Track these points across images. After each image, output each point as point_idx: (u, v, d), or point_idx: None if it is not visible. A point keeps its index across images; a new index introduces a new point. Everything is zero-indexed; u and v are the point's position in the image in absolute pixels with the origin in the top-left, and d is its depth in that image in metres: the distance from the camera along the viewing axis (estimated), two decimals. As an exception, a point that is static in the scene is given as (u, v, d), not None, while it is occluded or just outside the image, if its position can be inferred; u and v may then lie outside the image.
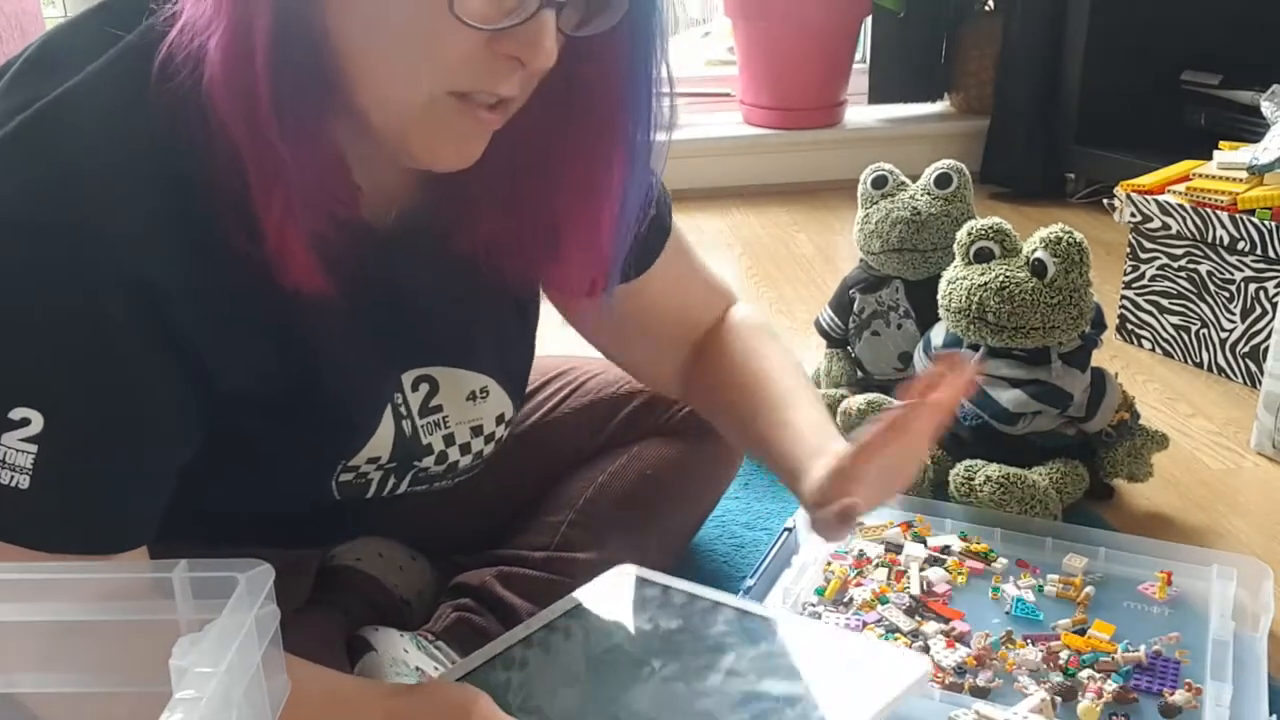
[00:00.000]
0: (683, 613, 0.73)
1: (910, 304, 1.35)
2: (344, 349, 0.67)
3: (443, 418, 0.76)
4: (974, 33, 2.59)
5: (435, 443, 0.76)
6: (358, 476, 0.74)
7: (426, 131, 0.60)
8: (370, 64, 0.58)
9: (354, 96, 0.59)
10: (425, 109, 0.59)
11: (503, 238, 0.70)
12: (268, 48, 0.55)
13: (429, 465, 0.77)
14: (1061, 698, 0.85)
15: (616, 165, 0.68)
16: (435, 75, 0.58)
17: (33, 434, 0.55)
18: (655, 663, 0.69)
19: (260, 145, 0.57)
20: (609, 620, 0.74)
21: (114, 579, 0.46)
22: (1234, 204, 1.45)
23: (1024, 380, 1.16)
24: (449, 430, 0.76)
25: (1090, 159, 2.34)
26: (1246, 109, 2.01)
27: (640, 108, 0.66)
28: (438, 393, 0.75)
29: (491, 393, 0.78)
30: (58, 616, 0.45)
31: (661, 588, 0.76)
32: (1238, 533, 1.16)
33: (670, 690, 0.66)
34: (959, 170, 1.36)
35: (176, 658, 0.41)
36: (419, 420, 0.74)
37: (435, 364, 0.74)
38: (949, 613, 0.96)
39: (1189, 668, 0.89)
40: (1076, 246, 1.14)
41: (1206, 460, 1.32)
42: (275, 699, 0.45)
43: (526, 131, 0.65)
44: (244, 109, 0.56)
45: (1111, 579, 1.01)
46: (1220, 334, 1.53)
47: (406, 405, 0.74)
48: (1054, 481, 1.14)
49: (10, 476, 0.55)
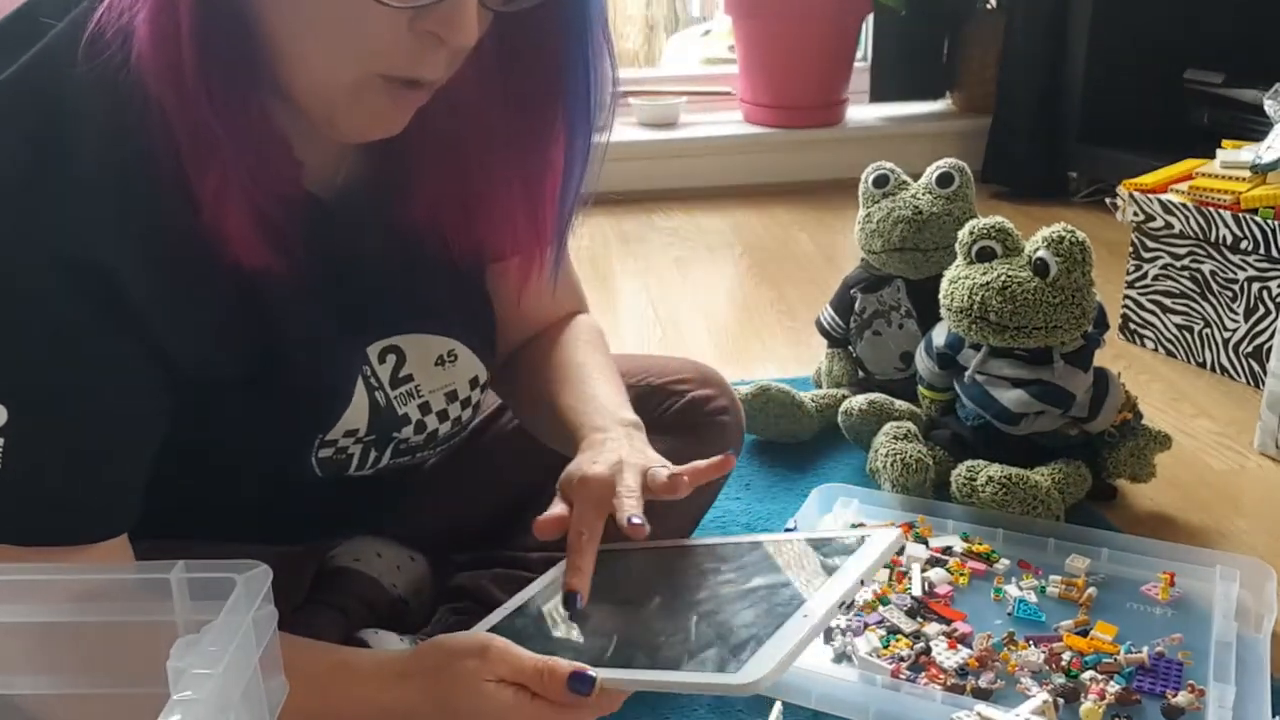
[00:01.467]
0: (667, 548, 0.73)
1: (912, 303, 1.35)
2: (303, 322, 0.68)
3: (415, 387, 0.76)
4: (976, 31, 2.58)
5: (411, 412, 0.76)
6: (337, 452, 0.74)
7: (352, 111, 0.60)
8: (295, 46, 0.58)
9: (280, 75, 0.59)
10: (351, 91, 0.59)
11: (444, 206, 0.71)
12: (192, 24, 0.55)
13: (408, 436, 0.77)
14: (1064, 699, 0.84)
15: (556, 137, 0.68)
16: (360, 59, 0.58)
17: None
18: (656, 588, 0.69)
19: (191, 121, 0.57)
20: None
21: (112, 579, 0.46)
22: (1237, 203, 1.45)
23: (1026, 380, 1.15)
24: (423, 399, 0.76)
25: (1093, 158, 2.34)
26: (1249, 107, 2.01)
27: (578, 78, 0.66)
28: (405, 362, 0.75)
29: (460, 355, 0.78)
30: (55, 618, 0.45)
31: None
32: (1241, 533, 1.16)
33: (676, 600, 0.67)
34: (961, 169, 1.35)
35: (174, 659, 0.41)
36: (391, 392, 0.74)
37: (397, 333, 0.74)
38: (951, 614, 0.95)
39: (1192, 669, 0.88)
40: (1079, 246, 1.13)
41: (1210, 461, 1.31)
42: (273, 700, 0.44)
43: (465, 101, 0.65)
44: (173, 85, 0.56)
45: (1114, 580, 1.01)
46: (1223, 334, 1.53)
47: (376, 377, 0.74)
48: (1056, 482, 1.13)
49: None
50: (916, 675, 0.87)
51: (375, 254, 0.72)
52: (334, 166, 0.69)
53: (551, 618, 0.69)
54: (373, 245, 0.71)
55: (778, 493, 1.22)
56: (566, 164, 0.70)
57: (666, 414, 0.97)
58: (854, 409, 1.25)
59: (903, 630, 0.92)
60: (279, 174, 0.61)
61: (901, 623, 0.93)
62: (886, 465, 1.16)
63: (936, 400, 1.27)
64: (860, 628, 0.92)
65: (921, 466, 1.15)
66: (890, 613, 0.94)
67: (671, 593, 0.68)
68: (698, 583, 0.68)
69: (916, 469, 1.15)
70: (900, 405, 1.27)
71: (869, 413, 1.25)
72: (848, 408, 1.26)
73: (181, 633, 0.43)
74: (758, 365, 1.60)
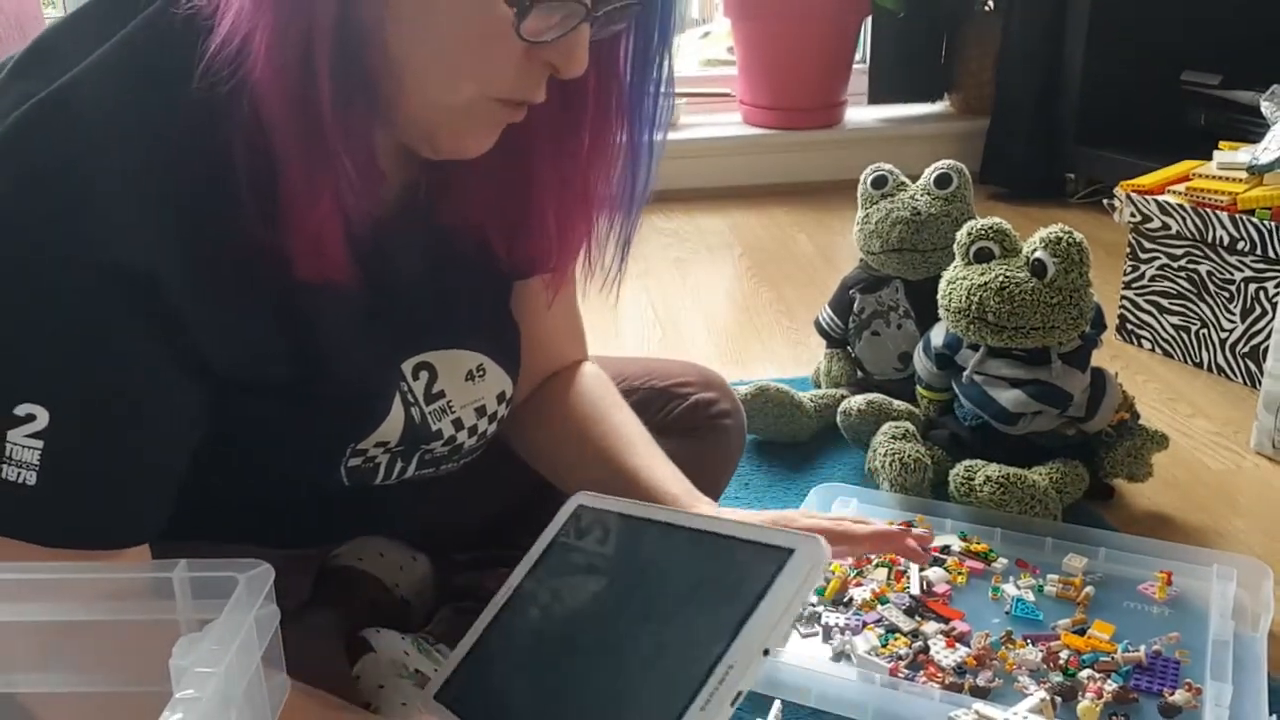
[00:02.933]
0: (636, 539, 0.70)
1: (910, 304, 1.35)
2: (349, 336, 0.68)
3: (447, 403, 0.76)
4: (974, 32, 2.59)
5: (445, 428, 0.77)
6: (366, 460, 0.74)
7: (458, 129, 0.63)
8: (417, 68, 0.59)
9: (391, 95, 0.61)
10: (464, 111, 0.61)
11: (491, 215, 0.72)
12: (329, 51, 0.56)
13: (435, 448, 0.77)
14: (1061, 698, 0.85)
15: (606, 158, 0.69)
16: (480, 83, 0.60)
17: (38, 429, 0.55)
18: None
19: (312, 144, 0.57)
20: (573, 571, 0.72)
21: (114, 579, 0.46)
22: (1234, 204, 1.45)
23: (1024, 380, 1.16)
24: (456, 415, 0.77)
25: (1090, 159, 2.34)
26: (1246, 109, 2.01)
27: (633, 105, 0.67)
28: (438, 378, 0.75)
29: (489, 370, 0.78)
30: (57, 616, 0.45)
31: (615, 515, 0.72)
32: (1237, 533, 1.16)
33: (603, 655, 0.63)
34: (959, 170, 1.36)
35: (176, 657, 0.41)
36: (426, 407, 0.75)
37: (430, 348, 0.75)
38: (949, 613, 0.96)
39: (1189, 668, 0.89)
40: (1076, 246, 1.14)
41: (1206, 460, 1.32)
42: (275, 699, 0.44)
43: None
44: (298, 110, 0.56)
45: (1111, 579, 1.01)
46: (1220, 334, 1.53)
47: (413, 393, 0.74)
48: (1054, 481, 1.14)
49: (17, 473, 0.55)
50: (915, 674, 0.87)
51: (416, 266, 0.72)
52: (392, 178, 0.70)
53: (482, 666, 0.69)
54: (414, 259, 0.72)
55: (777, 492, 1.22)
56: (617, 182, 0.71)
57: (669, 417, 0.98)
58: (852, 409, 1.26)
59: (901, 629, 0.92)
60: (375, 195, 0.63)
61: (900, 621, 0.93)
62: (885, 465, 1.16)
63: (935, 400, 1.28)
64: (859, 626, 0.93)
65: (920, 466, 1.15)
66: (889, 611, 0.94)
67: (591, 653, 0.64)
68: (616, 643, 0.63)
69: (915, 469, 1.15)
70: (899, 405, 1.27)
71: (867, 413, 1.25)
72: (846, 408, 1.27)
73: (184, 631, 0.44)
74: (757, 365, 1.61)
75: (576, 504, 0.75)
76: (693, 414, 0.96)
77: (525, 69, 0.60)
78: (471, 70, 0.59)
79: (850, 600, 0.96)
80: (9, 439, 0.55)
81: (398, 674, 0.75)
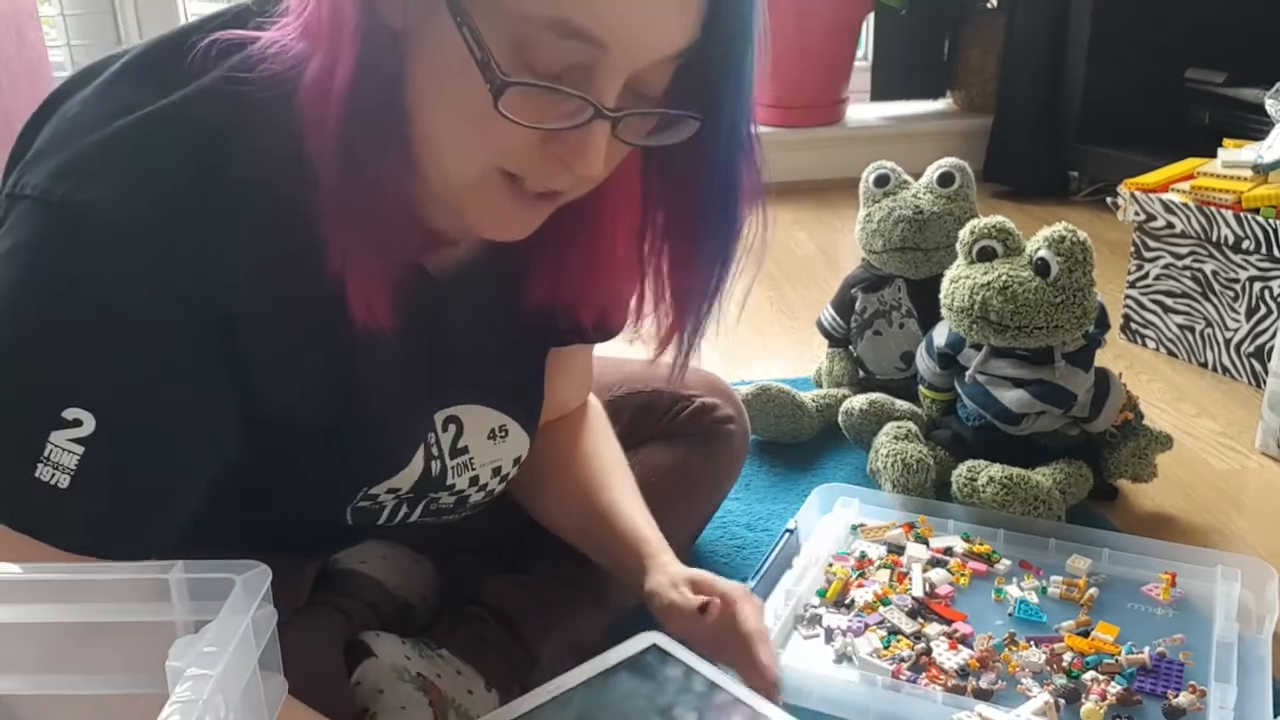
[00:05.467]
0: (699, 703, 0.74)
1: (912, 303, 1.35)
2: (385, 385, 0.69)
3: (469, 459, 0.77)
4: (977, 30, 2.58)
5: (460, 483, 0.78)
6: (374, 503, 0.75)
7: (479, 203, 0.62)
8: (431, 130, 0.59)
9: (417, 156, 0.60)
10: (477, 182, 0.60)
11: (580, 296, 0.73)
12: (344, 92, 0.56)
13: (443, 498, 0.78)
14: (1065, 700, 0.84)
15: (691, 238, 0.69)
16: (487, 155, 0.59)
17: (82, 435, 0.56)
18: None
19: (329, 177, 0.58)
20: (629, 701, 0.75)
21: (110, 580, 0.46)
22: (1238, 202, 1.45)
23: (1027, 380, 1.15)
24: (475, 472, 0.78)
25: (1094, 157, 2.33)
26: (1251, 107, 2.01)
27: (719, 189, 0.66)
28: (463, 433, 0.76)
29: (511, 432, 0.79)
30: (53, 618, 0.45)
31: (685, 669, 0.77)
32: (1242, 534, 1.16)
33: None
34: (961, 168, 1.35)
35: (173, 659, 0.40)
36: (449, 461, 0.76)
37: (460, 402, 0.76)
38: (951, 614, 0.95)
39: (1193, 669, 0.88)
40: (1080, 245, 1.13)
41: (1211, 461, 1.31)
42: (272, 701, 0.44)
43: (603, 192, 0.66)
44: (318, 140, 0.57)
45: (1115, 580, 1.01)
46: (1225, 333, 1.52)
47: (439, 445, 0.75)
48: (1057, 482, 1.13)
49: (51, 474, 0.55)
50: (917, 676, 0.87)
51: (469, 326, 0.72)
52: (463, 244, 0.71)
53: None
54: (471, 318, 0.72)
55: (778, 493, 1.22)
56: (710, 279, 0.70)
57: (674, 421, 0.98)
58: (854, 409, 1.25)
59: (903, 631, 0.92)
60: (402, 246, 0.62)
61: (902, 623, 0.93)
62: (887, 465, 1.16)
63: (937, 400, 1.27)
64: (861, 628, 0.92)
65: (922, 467, 1.15)
66: (891, 613, 0.94)
67: None
68: None
69: (917, 469, 1.14)
70: (901, 405, 1.27)
71: (869, 413, 1.25)
72: (848, 408, 1.26)
73: (180, 633, 0.43)
74: (758, 365, 1.60)
75: (650, 641, 0.78)
76: (697, 419, 0.96)
77: (538, 158, 0.59)
78: (477, 140, 0.58)
79: (852, 602, 0.96)
80: (52, 439, 0.55)
81: (398, 678, 0.75)
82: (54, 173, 0.56)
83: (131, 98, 0.58)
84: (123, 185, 0.56)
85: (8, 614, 0.45)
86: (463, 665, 0.80)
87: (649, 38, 0.56)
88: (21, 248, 0.56)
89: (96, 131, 0.57)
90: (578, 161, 0.58)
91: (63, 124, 0.59)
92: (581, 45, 0.55)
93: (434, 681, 0.76)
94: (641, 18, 0.55)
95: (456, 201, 0.62)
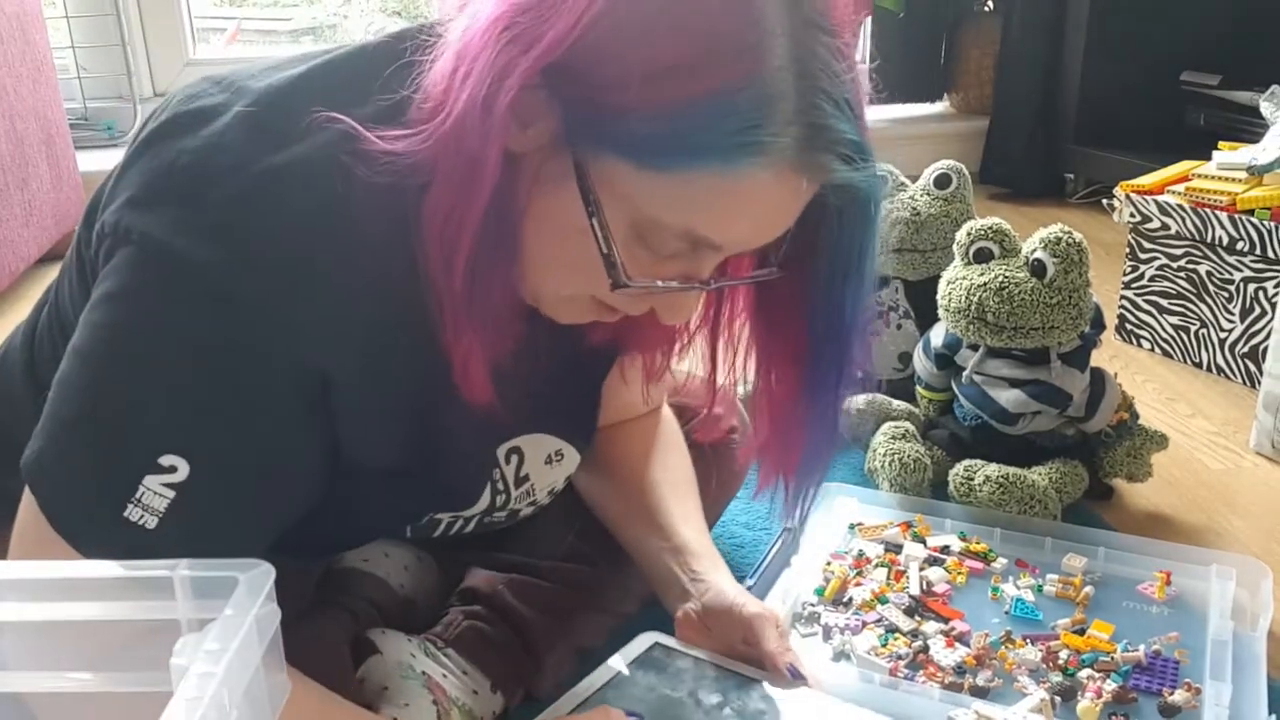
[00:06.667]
0: (719, 686, 0.78)
1: (910, 304, 1.35)
2: (465, 431, 0.71)
3: (531, 486, 0.80)
4: (973, 33, 2.59)
5: (523, 509, 0.81)
6: (432, 522, 0.78)
7: (557, 309, 0.67)
8: (539, 264, 0.63)
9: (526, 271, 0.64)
10: (568, 300, 0.66)
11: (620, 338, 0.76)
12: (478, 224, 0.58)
13: (499, 517, 0.81)
14: (1061, 697, 0.85)
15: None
16: (582, 290, 0.64)
17: (175, 481, 0.57)
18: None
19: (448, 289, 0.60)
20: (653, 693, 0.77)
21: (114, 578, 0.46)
22: (1233, 204, 1.46)
23: (1023, 380, 1.16)
24: (535, 497, 0.81)
25: (1090, 159, 2.34)
26: (1246, 109, 2.01)
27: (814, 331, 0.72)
28: (524, 461, 0.79)
29: (566, 455, 0.82)
30: (59, 616, 0.45)
31: (693, 659, 0.80)
32: (1236, 533, 1.16)
33: None
34: (958, 170, 1.36)
35: (177, 657, 0.41)
36: (514, 491, 0.79)
37: (523, 433, 0.78)
38: (948, 612, 0.96)
39: (1188, 667, 0.89)
40: (1076, 247, 1.14)
41: (1206, 460, 1.32)
42: (275, 698, 0.44)
43: None
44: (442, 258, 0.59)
45: (1111, 579, 1.01)
46: (1219, 334, 1.53)
47: (504, 480, 0.78)
48: (1053, 481, 1.14)
49: (140, 515, 0.57)
50: (915, 673, 0.87)
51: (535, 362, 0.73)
52: None
53: None
54: (537, 355, 0.73)
55: (777, 492, 1.22)
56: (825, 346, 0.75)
57: None
58: (852, 409, 1.26)
59: (901, 629, 0.92)
60: (513, 336, 0.65)
61: (899, 621, 0.93)
62: (885, 465, 1.17)
63: (934, 400, 1.28)
64: (858, 626, 0.93)
65: (919, 466, 1.15)
66: (888, 611, 0.94)
67: None
68: None
69: (914, 469, 1.15)
70: (898, 405, 1.27)
71: (867, 412, 1.25)
72: (845, 407, 1.26)
73: (184, 631, 0.44)
74: (756, 366, 1.60)
75: (652, 640, 0.82)
76: (704, 431, 0.97)
77: (628, 300, 0.63)
78: (581, 288, 0.63)
79: (850, 600, 0.96)
80: (145, 482, 0.57)
81: (403, 675, 0.75)
82: (171, 226, 0.57)
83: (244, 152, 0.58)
84: (241, 251, 0.57)
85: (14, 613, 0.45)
86: (468, 666, 0.80)
87: (760, 242, 0.63)
88: (131, 293, 0.58)
89: (214, 187, 0.58)
90: (668, 316, 0.65)
91: (174, 171, 0.59)
92: (700, 245, 0.61)
93: (439, 681, 0.77)
94: (762, 236, 0.63)
95: (535, 298, 0.66)
